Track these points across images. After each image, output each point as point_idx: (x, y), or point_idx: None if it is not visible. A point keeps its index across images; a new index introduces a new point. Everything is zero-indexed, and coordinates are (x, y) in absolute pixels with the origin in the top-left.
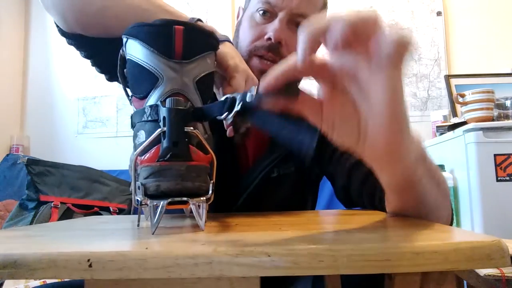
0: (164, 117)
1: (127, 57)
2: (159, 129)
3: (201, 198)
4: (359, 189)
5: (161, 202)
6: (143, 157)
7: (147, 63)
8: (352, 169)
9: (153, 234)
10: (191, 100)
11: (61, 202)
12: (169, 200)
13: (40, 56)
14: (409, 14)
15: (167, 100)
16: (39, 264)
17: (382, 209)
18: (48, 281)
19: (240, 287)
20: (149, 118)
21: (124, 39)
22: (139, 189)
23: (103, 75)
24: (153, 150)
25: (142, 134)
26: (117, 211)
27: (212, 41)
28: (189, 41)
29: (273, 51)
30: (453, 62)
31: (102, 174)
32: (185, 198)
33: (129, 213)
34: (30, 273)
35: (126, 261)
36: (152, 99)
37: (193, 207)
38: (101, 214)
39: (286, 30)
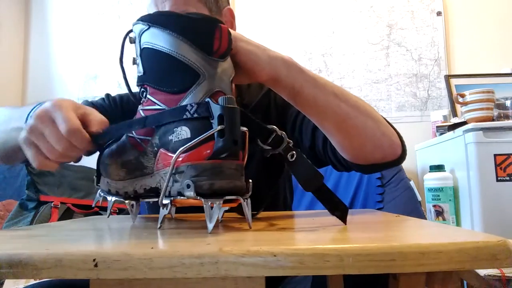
0: (219, 115)
1: (146, 46)
2: (219, 127)
3: (247, 196)
4: (323, 145)
5: (217, 202)
6: (185, 154)
7: (184, 56)
8: (315, 128)
9: (209, 233)
10: None
11: (61, 202)
12: (224, 198)
13: (40, 56)
14: (409, 14)
15: (220, 99)
16: (44, 264)
17: (344, 160)
18: None
19: (245, 287)
20: (195, 115)
21: (143, 26)
22: (188, 187)
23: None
24: (201, 148)
25: (185, 131)
26: (117, 211)
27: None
28: (230, 40)
29: None
30: (453, 62)
31: None
32: (234, 197)
33: (129, 213)
34: (35, 272)
35: (132, 261)
36: (194, 96)
37: (244, 205)
38: (101, 214)
39: None
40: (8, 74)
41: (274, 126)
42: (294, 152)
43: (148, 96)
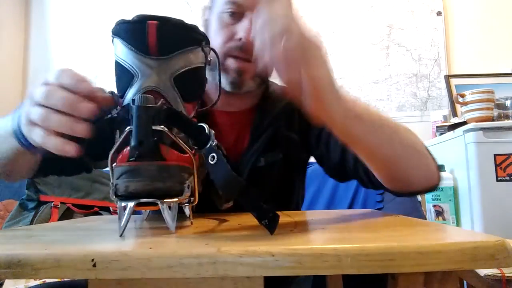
0: (132, 115)
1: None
2: (128, 128)
3: (173, 200)
4: (354, 166)
5: (129, 204)
6: (117, 156)
7: (125, 61)
8: (345, 149)
9: (120, 236)
10: (167, 98)
11: (61, 202)
12: (137, 201)
13: (40, 56)
14: (409, 14)
15: (136, 98)
16: (43, 264)
17: (378, 182)
18: (47, 280)
19: (244, 287)
20: (122, 117)
21: (111, 38)
22: (110, 189)
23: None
24: (124, 150)
25: (117, 134)
26: (117, 211)
27: (195, 36)
28: (164, 36)
29: (246, 51)
30: (453, 62)
31: (102, 174)
32: (151, 200)
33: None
34: (34, 272)
35: (130, 261)
36: (128, 97)
37: (162, 209)
38: (101, 214)
39: None
40: (8, 74)
41: (205, 124)
42: (215, 154)
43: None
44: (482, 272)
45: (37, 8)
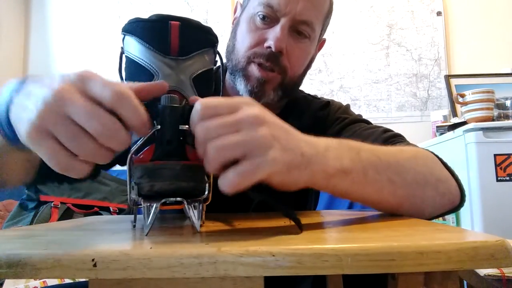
0: (158, 115)
1: (125, 54)
2: (154, 127)
3: (198, 199)
4: None
5: (155, 204)
6: (137, 156)
7: (142, 60)
8: None
9: (146, 235)
10: (188, 98)
11: (61, 202)
12: (163, 201)
13: (40, 56)
14: (409, 14)
15: (162, 98)
16: (44, 264)
17: None
18: (50, 282)
19: (244, 287)
20: None
21: (122, 36)
22: (133, 189)
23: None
24: (147, 149)
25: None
26: (117, 211)
27: (210, 38)
28: (185, 37)
29: (273, 61)
30: (453, 62)
31: (103, 174)
32: (179, 199)
33: (129, 213)
34: (34, 272)
35: (130, 261)
36: None
37: (188, 208)
38: (101, 214)
39: (288, 38)
40: (8, 74)
41: None
42: None
43: None
44: (482, 272)
45: (37, 8)
